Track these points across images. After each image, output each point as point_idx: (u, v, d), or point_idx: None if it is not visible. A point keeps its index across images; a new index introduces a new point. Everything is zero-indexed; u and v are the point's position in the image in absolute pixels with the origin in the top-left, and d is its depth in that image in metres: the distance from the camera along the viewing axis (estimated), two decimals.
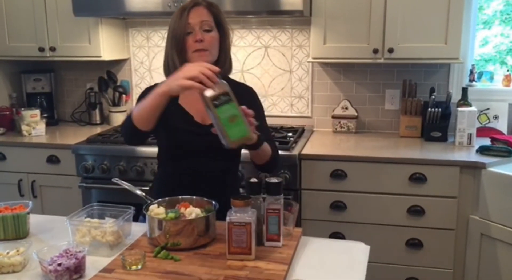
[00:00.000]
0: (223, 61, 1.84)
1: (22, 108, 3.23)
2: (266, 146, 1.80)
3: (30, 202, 1.67)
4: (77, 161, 2.86)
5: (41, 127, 3.16)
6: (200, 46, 1.75)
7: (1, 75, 3.41)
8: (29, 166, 3.01)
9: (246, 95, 1.89)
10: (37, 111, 3.18)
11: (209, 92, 1.47)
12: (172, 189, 1.73)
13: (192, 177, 1.82)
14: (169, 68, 1.81)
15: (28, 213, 1.64)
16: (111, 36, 3.27)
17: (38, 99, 3.50)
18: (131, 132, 1.72)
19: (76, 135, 3.12)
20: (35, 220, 1.73)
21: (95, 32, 3.14)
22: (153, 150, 2.02)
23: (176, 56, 1.78)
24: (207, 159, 1.81)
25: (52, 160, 2.96)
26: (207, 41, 1.76)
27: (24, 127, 3.12)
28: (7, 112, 3.30)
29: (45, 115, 3.32)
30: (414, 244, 2.59)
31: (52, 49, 3.20)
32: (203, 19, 1.76)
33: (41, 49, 3.21)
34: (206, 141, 1.74)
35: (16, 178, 3.03)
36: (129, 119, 1.71)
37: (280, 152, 2.57)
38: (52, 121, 3.46)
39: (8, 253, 1.41)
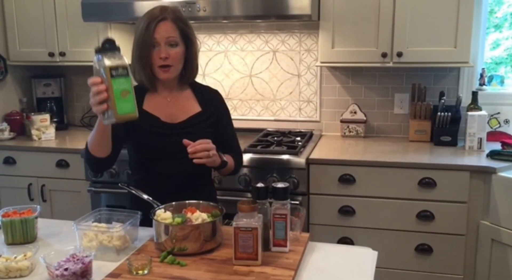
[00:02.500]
0: (190, 70, 1.89)
1: (32, 113, 3.25)
2: (229, 162, 1.89)
3: (38, 207, 1.68)
4: (86, 165, 2.87)
5: (51, 131, 3.18)
6: (165, 62, 1.79)
7: (11, 80, 3.44)
8: (38, 170, 3.03)
9: (213, 100, 1.97)
10: (47, 116, 3.21)
11: (108, 62, 1.44)
12: (148, 194, 1.74)
13: (165, 180, 1.84)
14: (135, 78, 1.86)
15: (36, 218, 1.65)
16: (120, 40, 3.24)
17: (48, 104, 3.52)
18: (94, 162, 1.79)
19: (85, 140, 3.07)
20: (43, 224, 1.74)
21: (104, 37, 3.15)
22: None
23: (141, 71, 1.82)
24: (179, 160, 1.79)
25: (62, 164, 2.98)
26: (171, 57, 1.79)
27: (34, 132, 3.14)
28: (18, 117, 3.33)
29: (55, 120, 3.35)
30: (424, 249, 2.57)
31: (62, 54, 3.23)
32: (169, 36, 1.78)
33: (51, 54, 3.24)
34: (176, 141, 1.77)
35: (25, 182, 3.05)
36: (87, 151, 1.78)
37: (288, 157, 2.60)
38: (61, 126, 3.48)
39: (15, 257, 1.42)
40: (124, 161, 2.75)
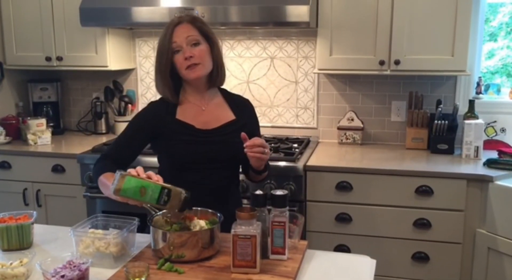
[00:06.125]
0: (217, 71, 1.85)
1: (28, 117, 3.24)
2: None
3: (34, 212, 1.67)
4: (82, 170, 2.86)
5: (47, 136, 3.17)
6: (191, 61, 1.75)
7: (8, 84, 3.42)
8: (34, 175, 3.01)
9: (246, 109, 1.97)
10: (43, 121, 3.19)
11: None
12: None
13: (198, 189, 1.81)
14: (158, 90, 1.86)
15: (32, 223, 1.63)
16: (118, 46, 3.28)
17: (45, 109, 3.51)
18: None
19: (81, 145, 3.12)
20: (39, 230, 1.72)
21: (102, 42, 3.15)
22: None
23: (163, 81, 1.79)
24: (213, 168, 1.82)
25: (57, 169, 2.96)
26: (196, 55, 1.76)
27: (30, 136, 3.12)
28: (13, 121, 3.31)
29: (51, 124, 3.34)
30: (421, 257, 2.57)
31: (59, 58, 3.22)
32: (189, 35, 1.76)
33: (48, 59, 3.23)
34: (209, 149, 1.79)
35: (21, 187, 3.03)
36: (97, 175, 1.73)
37: (285, 163, 2.60)
38: (58, 131, 3.47)
39: (11, 263, 1.40)
40: None
